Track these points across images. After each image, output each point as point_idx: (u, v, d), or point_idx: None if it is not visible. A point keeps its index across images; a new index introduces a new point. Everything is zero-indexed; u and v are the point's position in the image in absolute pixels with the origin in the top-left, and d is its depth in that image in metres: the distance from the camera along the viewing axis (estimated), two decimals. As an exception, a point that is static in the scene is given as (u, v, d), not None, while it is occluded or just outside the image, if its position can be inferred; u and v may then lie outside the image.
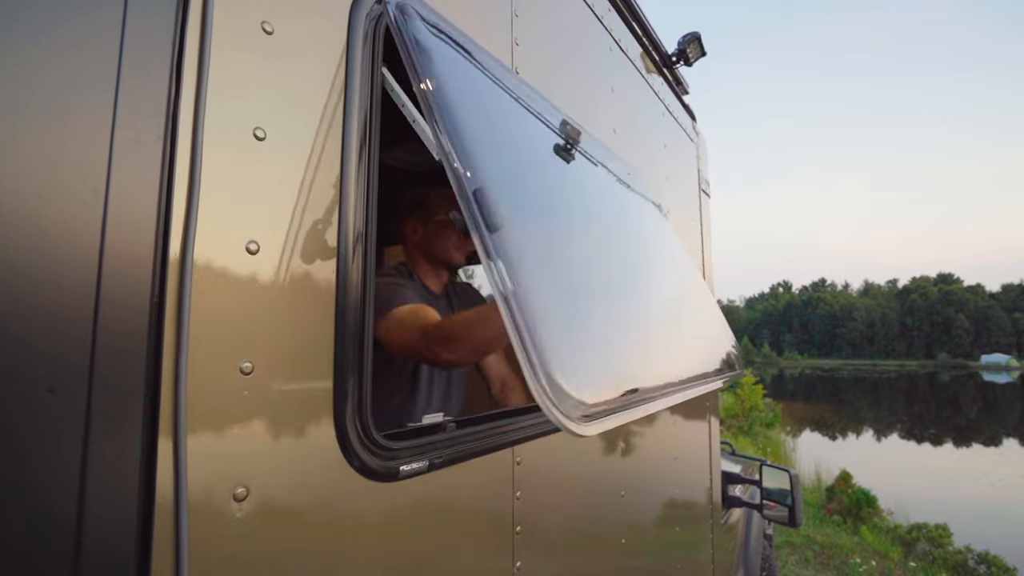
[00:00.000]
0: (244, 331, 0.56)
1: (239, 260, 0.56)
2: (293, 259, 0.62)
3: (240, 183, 0.57)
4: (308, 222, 0.64)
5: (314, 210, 0.65)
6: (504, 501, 0.93)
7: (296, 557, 0.59)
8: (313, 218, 0.65)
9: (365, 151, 0.72)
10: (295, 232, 0.63)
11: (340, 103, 0.69)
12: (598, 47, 1.54)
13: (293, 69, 0.64)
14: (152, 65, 0.50)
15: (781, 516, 3.29)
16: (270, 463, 0.57)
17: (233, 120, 0.57)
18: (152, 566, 0.46)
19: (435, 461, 0.77)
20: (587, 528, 1.22)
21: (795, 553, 6.26)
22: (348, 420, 0.65)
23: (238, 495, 0.54)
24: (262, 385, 0.57)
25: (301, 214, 0.64)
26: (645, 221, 1.55)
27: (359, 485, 0.67)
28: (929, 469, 16.15)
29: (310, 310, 0.63)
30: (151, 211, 0.49)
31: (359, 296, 0.69)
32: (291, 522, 0.59)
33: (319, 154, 0.67)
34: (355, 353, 0.67)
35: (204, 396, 0.52)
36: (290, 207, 0.62)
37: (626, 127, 1.68)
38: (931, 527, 7.69)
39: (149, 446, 0.47)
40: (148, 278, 0.48)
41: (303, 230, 0.64)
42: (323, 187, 0.67)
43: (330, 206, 0.67)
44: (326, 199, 0.67)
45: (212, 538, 0.51)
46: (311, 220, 0.65)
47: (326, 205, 0.67)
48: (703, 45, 2.27)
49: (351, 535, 0.66)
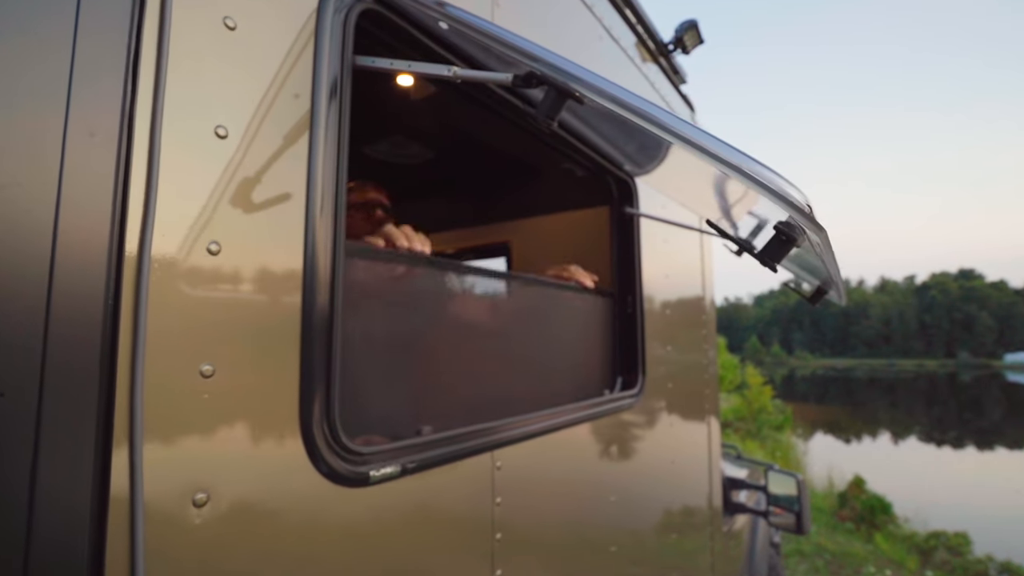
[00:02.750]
0: (205, 333, 0.58)
1: (199, 261, 0.58)
2: (257, 260, 0.64)
3: (200, 182, 0.59)
4: (273, 222, 0.66)
5: (280, 210, 0.67)
6: (483, 507, 0.95)
7: (260, 564, 0.61)
8: (278, 218, 0.67)
9: (334, 149, 0.73)
10: (259, 233, 0.64)
11: (308, 100, 0.71)
12: (587, 34, 1.56)
13: (257, 66, 0.66)
14: (107, 61, 0.52)
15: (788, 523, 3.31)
16: (232, 468, 0.59)
17: (193, 118, 0.59)
18: (106, 567, 0.48)
19: (408, 466, 0.78)
20: (573, 534, 1.24)
21: (804, 562, 6.29)
22: (315, 424, 0.67)
23: (197, 500, 0.56)
24: (224, 388, 0.59)
25: (266, 214, 0.65)
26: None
27: (327, 491, 0.68)
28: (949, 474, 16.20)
29: (275, 312, 0.65)
30: (105, 210, 0.50)
31: (327, 298, 0.70)
32: (255, 529, 0.61)
33: (285, 152, 0.68)
34: (323, 356, 0.69)
35: (162, 399, 0.53)
36: (254, 207, 0.64)
37: (618, 119, 1.70)
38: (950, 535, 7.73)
39: (103, 450, 0.49)
40: (102, 279, 0.50)
41: (268, 231, 0.65)
42: (289, 186, 0.68)
43: (296, 206, 0.69)
44: (293, 198, 0.69)
45: (170, 545, 0.53)
46: (276, 220, 0.66)
47: (292, 205, 0.68)
48: (700, 33, 2.29)
49: (319, 542, 0.68)
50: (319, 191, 0.71)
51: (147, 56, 0.54)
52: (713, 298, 2.67)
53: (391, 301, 0.93)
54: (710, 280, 2.62)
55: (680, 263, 2.16)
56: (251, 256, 0.63)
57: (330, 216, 0.72)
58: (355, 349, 0.82)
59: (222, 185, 0.61)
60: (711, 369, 2.51)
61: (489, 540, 0.96)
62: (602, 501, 1.37)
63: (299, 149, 0.70)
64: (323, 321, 0.69)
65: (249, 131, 0.64)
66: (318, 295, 0.69)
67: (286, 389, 0.66)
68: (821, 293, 1.20)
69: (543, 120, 0.65)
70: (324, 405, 0.68)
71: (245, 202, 0.63)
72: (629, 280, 1.70)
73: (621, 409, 1.52)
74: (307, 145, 0.70)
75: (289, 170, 0.69)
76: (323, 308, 0.69)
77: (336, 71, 0.74)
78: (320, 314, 0.69)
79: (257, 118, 0.65)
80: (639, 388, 1.63)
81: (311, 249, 0.69)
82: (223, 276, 0.60)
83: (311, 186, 0.70)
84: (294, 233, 0.68)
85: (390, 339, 0.91)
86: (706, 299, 2.51)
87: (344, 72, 0.75)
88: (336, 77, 0.74)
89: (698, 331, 2.38)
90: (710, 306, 2.59)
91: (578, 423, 1.28)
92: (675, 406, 1.96)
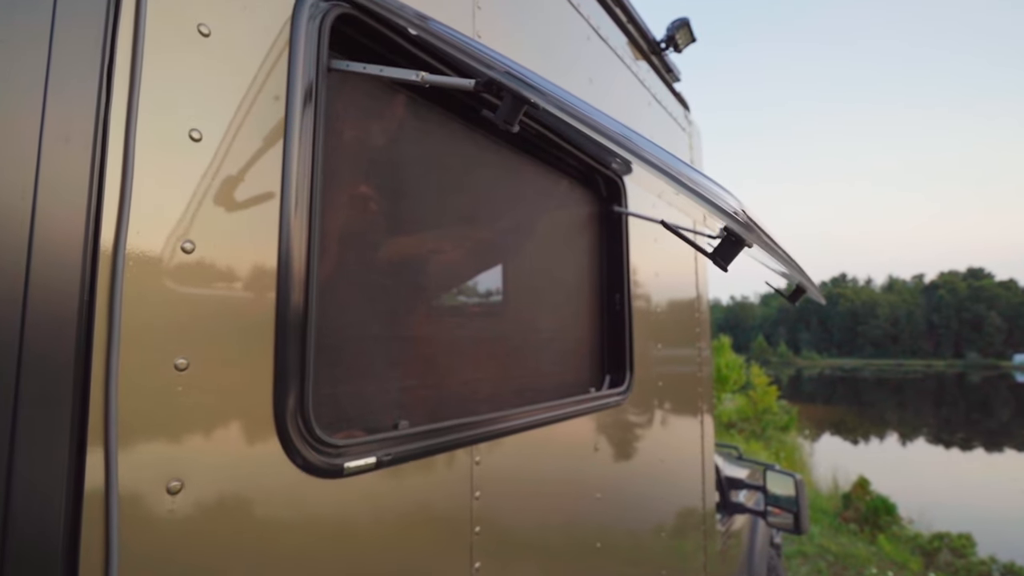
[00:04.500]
0: (179, 328, 0.61)
1: (174, 259, 0.61)
2: (232, 258, 0.67)
3: (175, 184, 0.62)
4: (248, 221, 0.69)
5: (255, 209, 0.70)
6: (462, 501, 0.98)
7: (235, 552, 0.64)
8: (254, 217, 0.69)
9: (309, 150, 0.76)
10: (234, 231, 0.67)
11: (283, 103, 0.74)
12: (574, 35, 1.58)
13: (232, 71, 0.68)
14: (82, 65, 0.55)
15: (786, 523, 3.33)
16: (206, 458, 0.62)
17: (168, 121, 0.61)
18: (80, 556, 0.51)
19: (383, 459, 0.81)
20: (555, 530, 1.26)
21: (807, 563, 6.30)
22: (289, 415, 0.70)
23: (172, 489, 0.58)
24: (198, 381, 0.62)
25: (241, 213, 0.68)
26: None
27: (301, 481, 0.71)
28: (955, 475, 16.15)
29: (250, 307, 0.68)
30: (80, 211, 0.53)
31: (302, 294, 0.73)
32: (229, 516, 0.64)
33: (261, 154, 0.71)
34: (297, 350, 0.71)
35: (137, 391, 0.56)
36: (229, 207, 0.67)
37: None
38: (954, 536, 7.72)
39: (79, 441, 0.52)
40: (77, 276, 0.53)
41: (243, 229, 0.68)
42: (265, 187, 0.71)
43: (272, 205, 0.72)
44: (268, 198, 0.71)
45: (144, 534, 0.56)
46: (251, 219, 0.69)
47: (268, 204, 0.71)
48: (693, 31, 2.31)
49: (294, 531, 0.71)
50: (294, 191, 0.73)
51: (121, 63, 0.57)
52: (707, 296, 2.69)
53: (370, 296, 0.95)
54: (704, 278, 2.64)
55: (672, 261, 2.18)
56: (226, 254, 0.66)
57: (305, 215, 0.75)
58: (332, 343, 0.84)
59: (196, 186, 0.64)
60: (705, 368, 2.53)
61: (468, 533, 0.99)
62: (586, 498, 1.40)
63: (274, 151, 0.72)
64: (298, 316, 0.72)
65: (224, 133, 0.67)
66: (293, 291, 0.72)
67: (260, 382, 0.68)
68: (800, 292, 1.23)
69: (502, 124, 0.68)
70: (298, 398, 0.71)
71: (220, 202, 0.66)
72: (617, 278, 1.72)
73: (607, 407, 1.54)
74: (282, 147, 0.73)
75: (264, 171, 0.71)
76: (298, 304, 0.72)
77: (311, 75, 0.77)
78: (295, 310, 0.72)
79: (232, 121, 0.68)
80: (627, 386, 1.65)
81: (286, 247, 0.72)
82: (198, 273, 0.63)
83: (286, 186, 0.73)
84: (269, 232, 0.71)
85: (369, 334, 0.94)
86: (700, 297, 2.52)
87: (320, 75, 0.78)
88: (311, 80, 0.77)
89: (691, 329, 2.40)
90: (704, 304, 2.61)
91: (561, 420, 1.30)
92: (665, 404, 1.98)
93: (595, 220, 1.74)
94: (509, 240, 1.37)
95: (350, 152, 0.91)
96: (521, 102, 0.66)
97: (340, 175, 0.89)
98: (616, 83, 1.86)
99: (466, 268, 1.21)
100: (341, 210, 0.87)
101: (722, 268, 0.71)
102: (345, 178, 0.90)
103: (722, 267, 0.71)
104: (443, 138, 1.12)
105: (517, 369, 1.31)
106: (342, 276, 0.88)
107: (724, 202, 0.61)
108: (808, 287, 1.11)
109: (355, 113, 0.93)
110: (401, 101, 1.01)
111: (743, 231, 0.65)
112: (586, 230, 1.69)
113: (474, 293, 1.26)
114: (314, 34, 0.78)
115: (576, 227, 1.66)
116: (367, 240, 0.95)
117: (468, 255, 1.19)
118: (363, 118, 0.95)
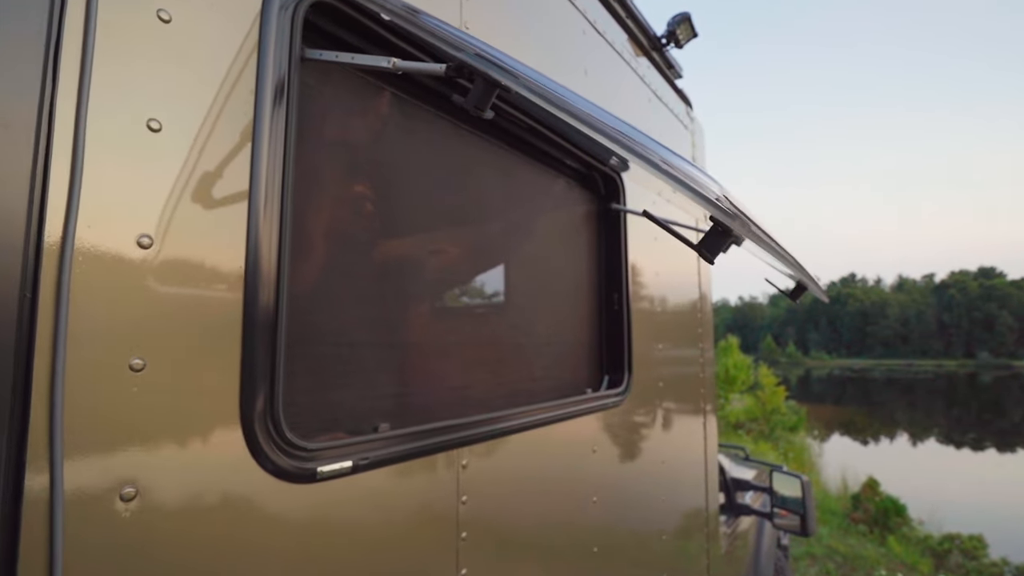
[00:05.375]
0: (135, 326, 0.57)
1: (130, 254, 0.58)
2: (194, 254, 0.63)
3: (131, 176, 0.59)
4: (213, 216, 0.65)
5: (221, 204, 0.66)
6: (447, 506, 0.94)
7: (197, 561, 0.61)
8: (219, 212, 0.66)
9: (281, 143, 0.73)
10: (197, 226, 0.64)
11: (252, 93, 0.70)
12: (568, 28, 1.54)
13: (195, 59, 0.65)
14: (23, 47, 0.52)
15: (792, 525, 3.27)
16: (165, 462, 0.59)
17: (123, 111, 0.58)
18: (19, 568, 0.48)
19: (360, 463, 0.78)
20: (549, 534, 1.22)
21: (815, 564, 6.21)
22: (257, 417, 0.66)
23: (125, 495, 0.55)
24: (155, 382, 0.58)
25: (205, 208, 0.65)
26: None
27: (270, 486, 0.68)
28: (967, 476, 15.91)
29: (214, 306, 0.65)
30: (21, 201, 0.50)
31: (272, 292, 0.70)
32: (191, 524, 0.61)
33: (228, 146, 0.68)
34: (266, 351, 0.68)
35: (86, 392, 0.53)
36: (191, 201, 0.64)
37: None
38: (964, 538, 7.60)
39: (18, 444, 0.48)
40: (17, 272, 0.49)
41: (207, 224, 0.65)
42: (233, 180, 0.68)
43: (239, 199, 0.68)
44: (235, 192, 0.68)
45: (93, 541, 0.53)
46: (217, 214, 0.66)
47: (235, 199, 0.68)
48: (694, 26, 2.26)
49: (262, 540, 0.67)
50: (264, 184, 0.70)
51: (70, 47, 0.54)
52: (711, 296, 2.63)
53: (350, 294, 0.92)
54: (707, 278, 2.58)
55: (673, 260, 2.13)
56: (188, 250, 0.63)
57: (276, 209, 0.71)
58: (307, 343, 0.81)
59: (155, 178, 0.61)
60: (708, 368, 2.47)
61: (454, 539, 0.95)
62: (583, 501, 1.36)
63: (243, 142, 0.69)
64: (267, 315, 0.69)
65: (188, 124, 0.64)
66: (262, 288, 0.68)
67: (226, 383, 0.65)
68: (801, 289, 1.18)
69: (473, 110, 0.64)
70: (268, 399, 0.68)
71: (183, 195, 0.63)
72: (615, 277, 1.68)
73: (605, 408, 1.50)
74: (251, 139, 0.70)
75: (233, 163, 0.68)
76: (267, 301, 0.69)
77: (283, 64, 0.73)
78: (264, 307, 0.68)
79: (197, 111, 0.65)
80: (625, 386, 1.61)
81: (255, 242, 0.69)
82: (156, 269, 0.60)
83: (255, 179, 0.70)
84: (237, 226, 0.68)
85: (348, 333, 0.90)
86: (703, 297, 2.47)
87: (292, 65, 0.74)
88: (284, 70, 0.73)
89: (693, 329, 2.35)
90: (707, 304, 2.55)
91: (555, 422, 1.26)
92: (666, 406, 1.93)
93: (592, 218, 1.69)
94: (499, 238, 1.33)
95: (328, 145, 0.88)
96: (492, 86, 0.62)
97: (318, 168, 0.86)
98: (614, 78, 1.82)
99: (454, 266, 1.17)
100: (317, 205, 0.84)
101: (708, 260, 0.67)
102: (323, 171, 0.87)
103: (708, 259, 0.66)
104: (427, 132, 1.09)
105: (508, 370, 1.27)
106: (317, 273, 0.84)
107: (705, 187, 0.57)
108: (809, 284, 1.07)
109: (334, 106, 0.90)
110: (384, 94, 0.97)
111: (728, 220, 0.61)
112: (582, 228, 1.65)
113: (463, 292, 1.22)
114: (286, 22, 0.74)
115: (572, 225, 1.61)
116: (347, 237, 0.92)
117: (456, 252, 1.15)
118: (343, 111, 0.92)
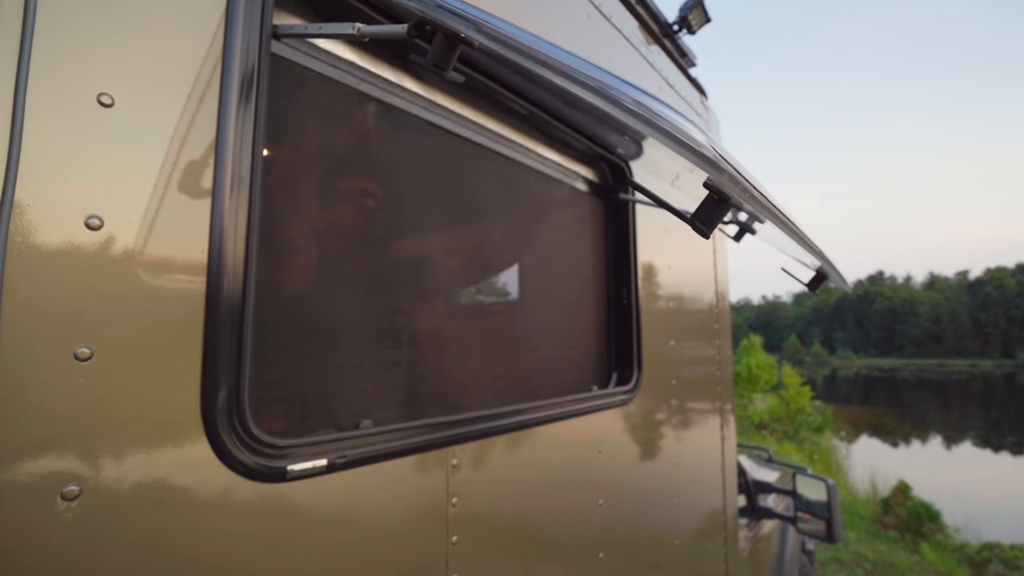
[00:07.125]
0: (81, 313, 0.53)
1: (76, 236, 0.54)
2: (150, 236, 0.59)
3: (79, 154, 0.55)
4: (173, 197, 0.61)
5: (181, 184, 0.62)
6: (436, 507, 0.89)
7: (150, 563, 0.57)
8: (180, 192, 0.62)
9: (251, 119, 0.68)
10: (154, 208, 0.60)
11: (217, 65, 0.66)
12: (572, 11, 1.47)
13: (152, 30, 0.61)
14: None
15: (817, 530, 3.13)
16: (115, 458, 0.55)
17: (68, 84, 0.54)
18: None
19: (337, 461, 0.73)
20: (550, 539, 1.16)
21: (843, 570, 5.98)
22: (219, 412, 0.62)
23: (67, 493, 0.51)
24: (104, 372, 0.54)
25: (164, 188, 0.61)
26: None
27: (234, 485, 0.63)
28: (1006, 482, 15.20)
29: (173, 292, 0.60)
30: (-54, 179, 0.46)
31: (239, 280, 0.65)
32: (142, 524, 0.56)
33: (188, 123, 0.63)
34: (231, 341, 0.64)
35: (23, 381, 0.49)
36: (148, 181, 0.59)
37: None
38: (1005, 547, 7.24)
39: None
40: (-59, 252, 0.46)
41: (166, 205, 0.61)
42: (195, 158, 0.64)
43: (203, 179, 0.64)
44: (198, 171, 0.64)
45: (29, 541, 0.49)
46: (176, 195, 0.62)
47: (198, 178, 0.64)
48: (707, 10, 2.17)
49: (225, 542, 0.63)
50: (230, 163, 0.66)
51: (9, 16, 0.50)
52: (728, 292, 2.52)
53: (329, 282, 0.87)
54: (724, 272, 2.48)
55: (686, 253, 2.04)
56: (143, 233, 0.59)
57: (245, 191, 0.67)
58: (283, 334, 0.77)
59: (106, 156, 0.56)
60: (725, 366, 2.37)
61: (443, 543, 0.89)
62: (588, 505, 1.29)
63: (206, 119, 0.65)
64: (232, 304, 0.64)
65: (143, 100, 0.60)
66: (227, 275, 0.64)
67: (186, 375, 0.61)
68: (821, 278, 1.09)
69: (432, 69, 0.58)
70: (232, 393, 0.63)
71: (138, 174, 0.59)
72: (624, 270, 1.60)
73: (612, 406, 1.42)
74: (215, 114, 0.65)
75: (195, 141, 0.64)
76: (233, 289, 0.64)
77: (253, 36, 0.69)
78: (229, 295, 0.64)
79: (153, 85, 0.61)
80: (634, 384, 1.53)
81: (219, 226, 0.64)
82: (106, 253, 0.56)
83: (220, 159, 0.65)
84: (200, 209, 0.63)
85: (327, 324, 0.86)
86: (719, 292, 2.37)
87: (263, 36, 0.70)
88: (253, 43, 0.69)
89: (709, 326, 2.25)
90: (724, 300, 2.45)
91: (557, 420, 1.20)
92: (680, 404, 1.85)
93: (599, 209, 1.62)
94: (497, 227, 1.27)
95: (304, 125, 0.83)
96: (452, 39, 0.56)
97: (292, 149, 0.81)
98: (622, 67, 1.74)
99: (449, 256, 1.12)
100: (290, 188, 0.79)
101: (704, 235, 0.60)
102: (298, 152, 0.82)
103: (703, 233, 0.59)
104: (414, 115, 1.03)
105: (504, 365, 1.21)
106: (290, 259, 0.80)
107: (687, 135, 0.50)
108: (829, 271, 0.98)
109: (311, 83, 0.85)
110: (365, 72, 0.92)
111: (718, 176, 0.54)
112: (588, 219, 1.58)
113: (457, 283, 1.16)
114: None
115: (576, 215, 1.55)
116: (325, 221, 0.87)
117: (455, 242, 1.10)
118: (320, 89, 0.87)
